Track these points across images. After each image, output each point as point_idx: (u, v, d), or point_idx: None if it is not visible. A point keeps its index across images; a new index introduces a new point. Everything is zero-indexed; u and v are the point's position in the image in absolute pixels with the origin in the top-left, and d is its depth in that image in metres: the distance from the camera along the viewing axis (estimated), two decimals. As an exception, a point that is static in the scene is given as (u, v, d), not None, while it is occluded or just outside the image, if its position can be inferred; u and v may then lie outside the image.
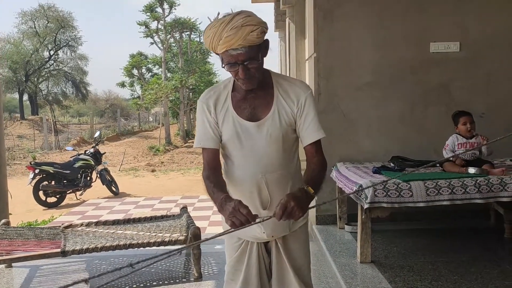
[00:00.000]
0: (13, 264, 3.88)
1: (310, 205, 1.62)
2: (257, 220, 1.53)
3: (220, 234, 1.55)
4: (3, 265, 3.83)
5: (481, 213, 4.43)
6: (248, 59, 1.63)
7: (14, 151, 17.96)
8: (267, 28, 1.66)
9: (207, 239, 1.49)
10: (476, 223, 4.40)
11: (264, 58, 1.73)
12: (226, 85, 1.83)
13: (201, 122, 1.81)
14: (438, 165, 3.94)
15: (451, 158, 3.75)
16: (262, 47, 1.68)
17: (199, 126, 1.82)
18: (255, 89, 1.75)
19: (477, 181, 3.32)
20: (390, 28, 4.53)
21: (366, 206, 3.28)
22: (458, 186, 3.30)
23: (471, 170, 3.50)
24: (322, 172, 1.76)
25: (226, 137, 1.79)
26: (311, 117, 1.76)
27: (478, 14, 4.54)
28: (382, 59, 4.55)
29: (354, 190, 3.43)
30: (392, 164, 4.04)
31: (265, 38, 1.68)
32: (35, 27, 31.35)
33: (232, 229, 1.52)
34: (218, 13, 1.68)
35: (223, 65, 1.67)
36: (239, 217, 1.49)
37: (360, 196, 3.37)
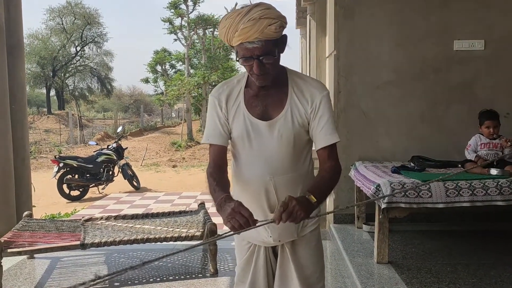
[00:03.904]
0: (35, 255, 3.98)
1: (328, 210, 1.56)
2: (258, 224, 1.45)
3: (229, 235, 1.47)
4: (25, 256, 3.93)
5: (504, 216, 4.32)
6: (264, 53, 1.55)
7: (41, 145, 18.41)
8: (286, 23, 1.58)
9: (206, 242, 1.47)
10: (498, 225, 4.29)
11: (281, 55, 1.64)
12: (239, 80, 1.75)
13: (211, 117, 1.74)
14: (459, 165, 3.87)
15: (473, 160, 3.68)
16: (280, 42, 1.60)
17: (209, 121, 1.75)
18: (269, 86, 1.66)
19: (499, 183, 3.24)
20: (412, 25, 4.45)
21: (383, 206, 3.24)
22: (479, 188, 3.23)
23: (493, 171, 3.41)
24: (332, 179, 1.66)
25: (235, 134, 1.71)
26: (326, 119, 1.66)
27: (504, 11, 4.42)
28: (403, 57, 4.48)
29: (371, 189, 3.39)
30: (412, 164, 3.97)
31: (283, 33, 1.60)
32: (62, 24, 32.05)
33: (237, 231, 1.44)
34: (236, 4, 1.64)
35: (238, 59, 1.61)
36: (239, 219, 1.41)
37: (378, 195, 3.32)
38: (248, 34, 1.52)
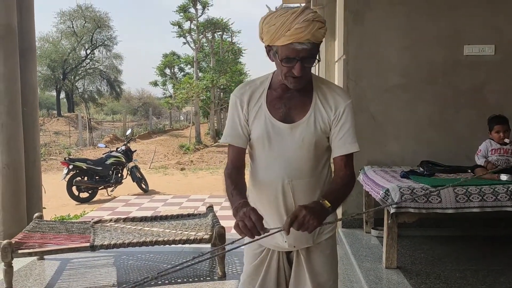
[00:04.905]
0: (45, 257, 4.02)
1: (338, 218, 1.53)
2: (269, 232, 1.44)
3: (245, 244, 1.47)
4: (35, 257, 3.97)
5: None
6: (309, 56, 1.55)
7: (51, 147, 18.57)
8: (327, 29, 1.60)
9: (229, 250, 1.47)
10: (508, 231, 4.26)
11: None
12: (262, 81, 1.73)
13: (232, 117, 1.73)
14: (469, 170, 3.85)
15: (483, 165, 3.66)
16: (319, 47, 1.61)
17: (229, 120, 1.74)
18: (295, 89, 1.65)
19: (509, 188, 3.22)
20: (422, 30, 4.45)
21: (392, 211, 3.23)
22: (489, 193, 3.21)
23: (503, 177, 3.39)
24: (346, 187, 1.65)
25: (255, 135, 1.69)
26: (347, 128, 1.67)
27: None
28: (412, 61, 4.48)
29: (380, 194, 3.38)
30: (421, 169, 3.96)
31: None
32: (73, 27, 32.35)
33: (251, 241, 1.44)
34: (282, 4, 1.61)
35: (279, 59, 1.57)
36: (247, 222, 1.42)
37: (386, 200, 3.32)
38: (301, 35, 1.51)
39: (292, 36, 1.51)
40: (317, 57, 1.59)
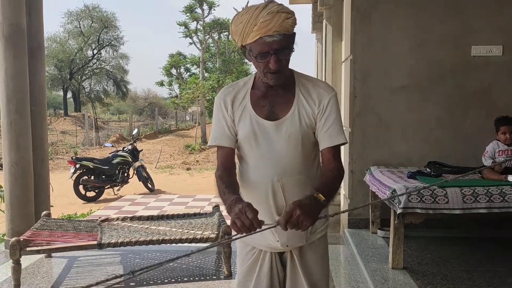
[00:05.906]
0: (52, 254, 4.05)
1: (342, 210, 1.52)
2: (263, 227, 1.40)
3: (239, 237, 1.43)
4: (43, 255, 4.00)
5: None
6: (282, 48, 1.55)
7: (58, 146, 18.70)
8: (296, 20, 1.59)
9: (215, 244, 1.46)
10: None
11: (294, 60, 1.66)
12: (246, 82, 1.74)
13: (217, 120, 1.73)
14: (476, 171, 3.83)
15: (491, 166, 3.64)
16: (293, 39, 1.60)
17: (215, 123, 1.74)
18: (276, 86, 1.65)
19: (517, 190, 3.20)
20: (429, 30, 4.43)
21: (399, 211, 3.23)
22: (496, 194, 3.20)
23: (511, 178, 3.38)
24: (337, 180, 1.64)
25: (242, 135, 1.69)
26: (332, 120, 1.65)
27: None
28: (420, 62, 4.46)
29: (387, 194, 3.38)
30: (428, 170, 3.95)
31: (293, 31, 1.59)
32: (80, 27, 32.51)
33: (245, 234, 1.39)
34: (248, 2, 1.61)
35: (254, 56, 1.58)
36: (244, 220, 1.38)
37: (393, 201, 3.31)
38: (268, 27, 1.51)
39: (259, 30, 1.52)
40: (292, 48, 1.59)
